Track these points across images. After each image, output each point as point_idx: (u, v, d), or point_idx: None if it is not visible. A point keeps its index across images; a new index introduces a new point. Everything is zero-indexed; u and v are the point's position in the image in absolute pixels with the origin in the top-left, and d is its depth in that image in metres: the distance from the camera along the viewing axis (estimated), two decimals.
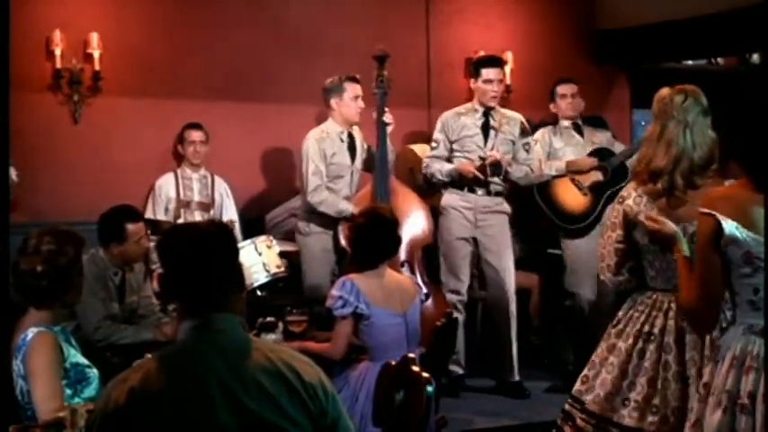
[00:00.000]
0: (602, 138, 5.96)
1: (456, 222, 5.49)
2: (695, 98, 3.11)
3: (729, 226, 2.51)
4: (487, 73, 5.47)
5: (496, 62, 5.59)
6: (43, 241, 2.93)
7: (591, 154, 5.77)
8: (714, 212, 2.54)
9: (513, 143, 5.54)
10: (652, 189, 3.10)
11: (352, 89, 5.34)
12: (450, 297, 5.44)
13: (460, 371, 5.53)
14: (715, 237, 2.54)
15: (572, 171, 5.76)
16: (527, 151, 5.60)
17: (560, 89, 5.90)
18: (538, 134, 5.88)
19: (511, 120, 5.59)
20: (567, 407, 3.31)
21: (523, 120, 5.65)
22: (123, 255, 4.23)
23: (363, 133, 5.57)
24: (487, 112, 5.52)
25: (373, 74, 5.41)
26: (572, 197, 5.77)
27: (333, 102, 5.37)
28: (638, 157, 3.23)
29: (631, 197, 3.16)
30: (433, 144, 5.60)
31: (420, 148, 6.09)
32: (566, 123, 5.89)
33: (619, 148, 5.91)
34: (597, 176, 5.76)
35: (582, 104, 5.96)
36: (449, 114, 5.59)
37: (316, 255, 5.37)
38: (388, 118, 5.42)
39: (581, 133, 5.91)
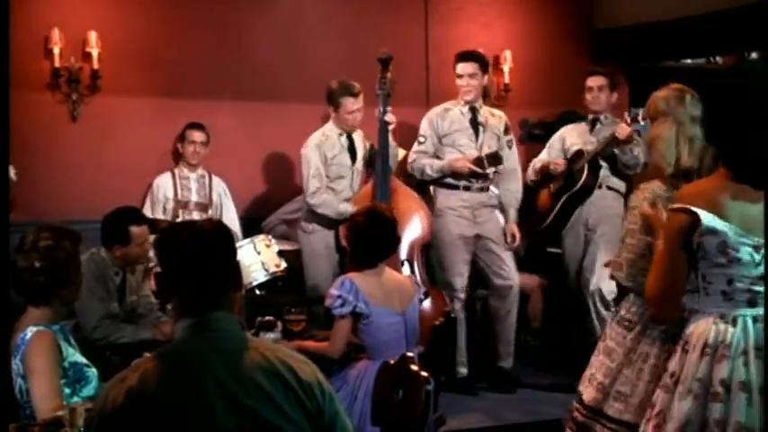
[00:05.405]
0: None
1: (455, 222, 5.48)
2: (694, 96, 3.15)
3: (707, 217, 2.52)
4: (458, 68, 5.48)
5: (468, 57, 5.52)
6: (40, 237, 2.93)
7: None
8: (690, 206, 2.54)
9: (499, 138, 5.56)
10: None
11: (347, 104, 5.30)
12: (449, 296, 5.44)
13: (465, 371, 5.52)
14: (686, 233, 2.55)
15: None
16: (509, 148, 5.61)
17: (587, 81, 5.69)
18: (557, 134, 5.85)
19: (496, 115, 5.63)
20: (580, 414, 3.28)
21: (507, 118, 5.67)
22: (126, 257, 4.24)
23: (367, 131, 5.55)
24: (474, 108, 5.52)
25: (374, 74, 5.38)
26: (543, 199, 5.80)
27: (331, 111, 5.39)
28: (656, 157, 3.19)
29: (664, 198, 3.08)
30: (420, 139, 5.59)
31: (402, 153, 6.02)
32: (590, 118, 5.72)
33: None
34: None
35: (611, 98, 5.68)
36: (435, 111, 5.61)
37: (319, 252, 5.37)
38: (389, 118, 5.39)
39: (593, 130, 5.68)
